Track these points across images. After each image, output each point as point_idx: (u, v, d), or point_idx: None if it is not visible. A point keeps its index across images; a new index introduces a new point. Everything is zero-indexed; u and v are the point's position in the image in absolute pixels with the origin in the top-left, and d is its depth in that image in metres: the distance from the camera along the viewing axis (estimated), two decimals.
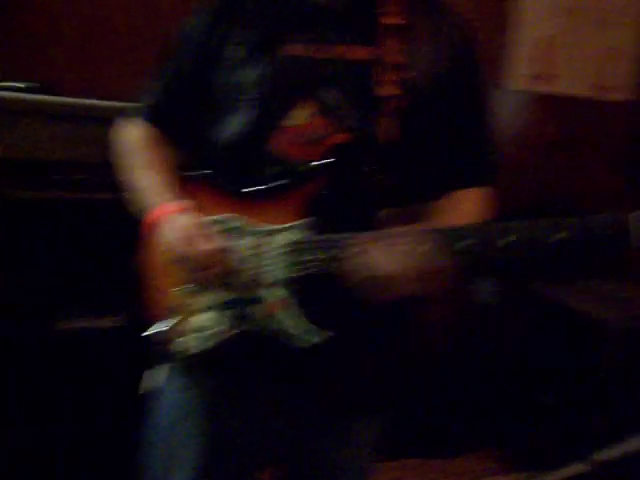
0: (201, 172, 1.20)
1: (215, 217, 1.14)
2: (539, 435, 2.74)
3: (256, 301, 1.12)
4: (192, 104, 1.22)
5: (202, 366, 1.19)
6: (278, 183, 1.11)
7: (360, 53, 1.11)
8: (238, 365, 1.17)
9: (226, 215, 1.14)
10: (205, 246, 1.08)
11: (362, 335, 1.16)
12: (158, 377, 1.21)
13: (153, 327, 1.18)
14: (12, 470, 1.79)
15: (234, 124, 1.14)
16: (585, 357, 2.64)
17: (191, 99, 1.22)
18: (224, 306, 1.13)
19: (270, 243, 1.11)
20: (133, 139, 1.26)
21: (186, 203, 1.15)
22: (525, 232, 0.95)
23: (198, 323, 1.15)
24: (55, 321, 1.82)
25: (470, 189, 1.20)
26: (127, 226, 1.19)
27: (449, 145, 1.18)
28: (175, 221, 1.12)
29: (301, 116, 1.12)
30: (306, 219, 1.09)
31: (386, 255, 0.99)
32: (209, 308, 1.15)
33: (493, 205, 1.22)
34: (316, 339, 1.08)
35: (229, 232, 1.13)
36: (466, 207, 1.18)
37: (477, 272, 2.38)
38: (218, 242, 1.10)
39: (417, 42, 1.13)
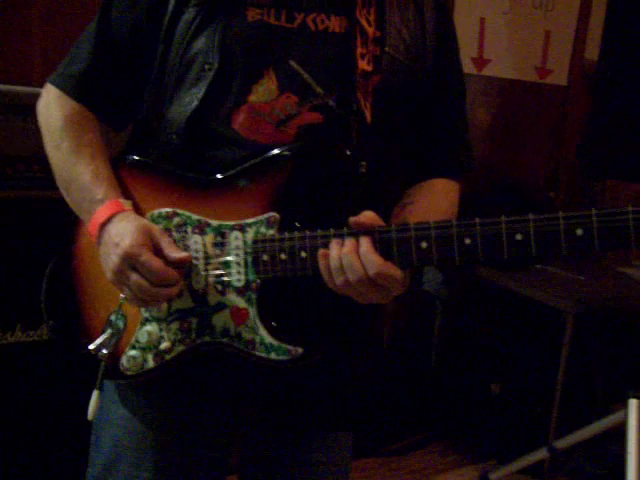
0: (141, 158, 1.03)
1: (167, 210, 0.98)
2: (495, 426, 2.71)
3: (217, 309, 0.97)
4: (129, 76, 1.05)
5: (144, 388, 1.05)
6: (241, 168, 0.96)
7: (334, 24, 1.00)
8: (189, 385, 1.03)
9: (179, 208, 0.98)
10: (174, 255, 0.94)
11: (335, 348, 1.04)
12: (95, 401, 1.02)
13: (94, 342, 1.00)
14: None
15: (187, 99, 0.98)
16: (541, 345, 2.62)
17: (128, 70, 1.04)
18: (171, 317, 0.98)
19: (235, 240, 0.96)
20: (56, 117, 1.05)
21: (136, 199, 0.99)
22: (490, 230, 0.84)
23: (138, 338, 1.00)
24: None
25: (445, 180, 1.12)
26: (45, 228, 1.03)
27: (428, 129, 1.09)
28: (133, 221, 0.95)
29: (267, 91, 0.97)
30: (274, 212, 0.95)
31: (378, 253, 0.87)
32: (153, 319, 0.99)
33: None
34: (284, 357, 0.95)
35: (185, 227, 0.97)
36: (443, 200, 1.09)
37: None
38: (180, 251, 0.95)
39: (392, 15, 1.03)
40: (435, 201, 1.08)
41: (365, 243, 0.88)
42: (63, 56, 1.11)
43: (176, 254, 0.94)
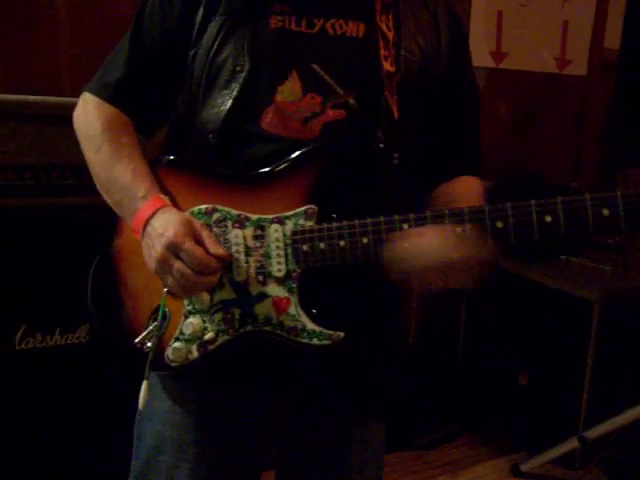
0: (179, 157, 1.07)
1: (206, 206, 1.02)
2: (525, 417, 2.71)
3: (259, 299, 1.01)
4: (162, 82, 1.11)
5: (187, 380, 1.09)
6: (278, 163, 1.00)
7: (352, 28, 1.05)
8: (228, 376, 1.07)
9: (218, 204, 1.02)
10: (213, 249, 0.97)
11: (374, 333, 1.07)
12: (145, 391, 1.04)
13: (140, 336, 1.05)
14: None
15: (220, 100, 1.04)
16: (568, 335, 2.61)
17: (161, 77, 1.11)
18: (214, 308, 1.02)
19: (274, 233, 1.00)
20: (95, 122, 1.10)
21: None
22: (520, 213, 0.88)
23: (182, 330, 1.03)
24: (13, 342, 1.70)
25: (470, 177, 1.17)
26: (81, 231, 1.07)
27: (447, 131, 1.14)
28: (175, 214, 1.00)
29: (292, 91, 1.03)
30: (312, 204, 0.99)
31: (421, 241, 0.91)
32: (196, 311, 1.03)
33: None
34: (326, 342, 0.99)
35: (225, 222, 1.01)
36: (468, 195, 1.13)
37: None
38: (221, 247, 0.99)
39: (407, 22, 1.09)
40: (467, 197, 1.11)
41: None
42: (90, 66, 1.16)
43: (215, 249, 0.98)
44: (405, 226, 0.92)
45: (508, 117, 3.04)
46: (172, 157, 1.07)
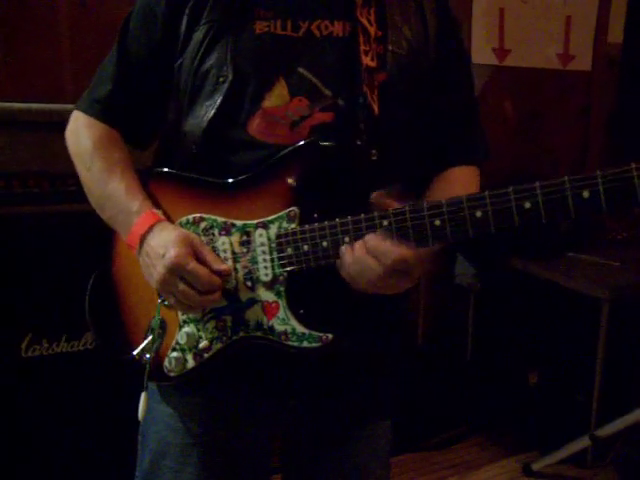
0: (166, 169, 1.07)
1: (194, 216, 1.03)
2: (535, 416, 2.70)
3: (249, 305, 1.01)
4: (150, 94, 1.11)
5: (186, 388, 1.09)
6: (259, 169, 1.00)
7: (337, 28, 1.04)
8: (229, 381, 1.07)
9: (205, 212, 1.03)
10: (217, 266, 0.98)
11: (365, 333, 1.07)
12: (144, 402, 1.07)
13: (138, 348, 1.05)
14: None
15: (206, 110, 1.03)
16: (577, 333, 2.60)
17: (149, 89, 1.10)
18: (207, 317, 1.02)
19: (259, 238, 1.00)
20: (85, 141, 1.11)
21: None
22: (499, 201, 0.87)
23: (178, 340, 1.04)
24: (20, 349, 1.70)
25: (463, 167, 1.15)
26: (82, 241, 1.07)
27: (438, 120, 1.12)
28: (172, 231, 1.00)
29: (280, 97, 1.02)
30: (294, 206, 0.99)
31: (396, 235, 0.91)
32: (191, 321, 1.04)
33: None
34: (316, 344, 0.98)
35: (212, 230, 1.02)
36: (460, 186, 1.11)
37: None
38: (222, 263, 1.00)
39: (393, 15, 1.07)
40: (449, 189, 1.09)
41: (371, 238, 0.92)
42: (92, 73, 1.15)
43: (217, 265, 0.99)
44: (385, 222, 0.92)
45: (512, 114, 3.02)
46: (159, 169, 1.08)
